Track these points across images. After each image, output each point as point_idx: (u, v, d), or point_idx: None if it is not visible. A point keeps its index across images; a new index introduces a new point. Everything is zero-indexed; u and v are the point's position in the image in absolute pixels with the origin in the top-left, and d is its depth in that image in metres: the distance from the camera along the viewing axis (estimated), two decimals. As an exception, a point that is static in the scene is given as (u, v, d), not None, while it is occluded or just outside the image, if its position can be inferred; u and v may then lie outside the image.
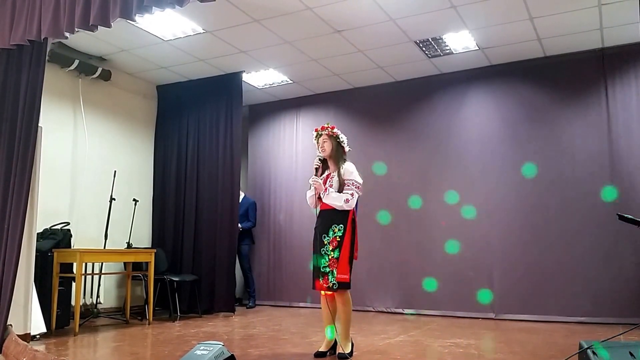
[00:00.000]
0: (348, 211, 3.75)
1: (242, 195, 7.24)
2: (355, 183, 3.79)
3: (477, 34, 5.54)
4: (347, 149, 3.95)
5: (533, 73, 6.15)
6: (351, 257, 3.73)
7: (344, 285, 3.67)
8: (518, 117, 6.17)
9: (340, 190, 3.76)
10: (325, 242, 3.72)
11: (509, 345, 4.29)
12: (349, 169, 3.84)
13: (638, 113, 5.60)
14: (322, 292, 3.80)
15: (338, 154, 3.87)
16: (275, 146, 7.75)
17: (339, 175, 3.79)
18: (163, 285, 6.22)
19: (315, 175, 3.87)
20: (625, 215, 3.45)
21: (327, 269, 3.67)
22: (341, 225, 3.72)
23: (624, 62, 5.73)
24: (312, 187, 3.86)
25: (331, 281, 3.64)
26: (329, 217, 3.76)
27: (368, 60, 6.26)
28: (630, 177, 5.52)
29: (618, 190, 5.53)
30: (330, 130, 3.88)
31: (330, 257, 3.68)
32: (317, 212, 3.88)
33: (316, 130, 3.96)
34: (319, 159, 3.92)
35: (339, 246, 3.68)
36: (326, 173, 3.91)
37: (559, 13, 5.04)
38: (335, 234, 3.71)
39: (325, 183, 3.83)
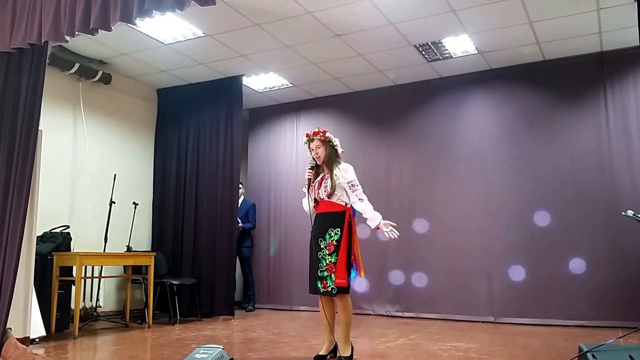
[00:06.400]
0: (344, 214, 3.73)
1: (241, 198, 7.25)
2: (357, 183, 3.77)
3: (476, 38, 5.55)
4: (340, 150, 3.91)
5: (532, 77, 6.17)
6: (349, 261, 3.69)
7: (342, 290, 3.65)
8: (517, 121, 6.18)
9: (332, 191, 3.71)
10: (322, 246, 3.69)
11: (509, 349, 4.29)
12: (347, 169, 3.79)
13: (637, 116, 5.62)
14: (320, 296, 3.78)
15: (332, 158, 3.83)
16: (276, 150, 7.76)
17: (332, 177, 3.75)
18: (163, 289, 6.22)
19: (308, 184, 3.83)
20: (629, 215, 3.49)
21: (325, 273, 3.64)
22: (338, 229, 3.69)
23: (623, 65, 5.74)
24: (306, 195, 3.85)
25: (329, 286, 3.62)
26: (325, 220, 3.74)
27: (368, 64, 6.27)
28: (630, 179, 5.53)
29: (619, 192, 5.54)
30: (322, 135, 3.81)
31: (327, 261, 3.65)
32: (313, 217, 3.86)
33: (307, 135, 3.87)
34: (311, 167, 3.86)
35: (335, 250, 3.65)
36: (320, 176, 3.85)
37: (558, 17, 5.05)
38: (332, 238, 3.68)
39: (320, 186, 3.80)
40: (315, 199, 3.83)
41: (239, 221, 6.98)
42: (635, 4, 4.11)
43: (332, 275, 3.61)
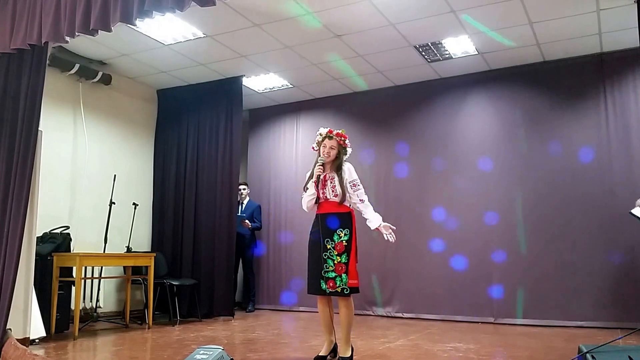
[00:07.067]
0: (350, 215, 3.75)
1: (247, 199, 7.25)
2: (359, 183, 3.80)
3: (476, 39, 5.55)
4: (345, 159, 3.93)
5: (532, 78, 6.17)
6: (356, 261, 3.72)
7: (355, 291, 3.66)
8: (517, 121, 6.19)
9: (344, 196, 3.73)
10: (329, 247, 3.68)
11: (509, 350, 4.29)
12: (349, 170, 3.82)
13: (637, 117, 5.62)
14: (320, 297, 3.77)
15: (340, 163, 3.84)
16: (275, 150, 7.76)
17: (341, 177, 3.76)
18: (163, 289, 6.21)
19: (316, 180, 3.80)
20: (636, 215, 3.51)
21: (333, 274, 3.63)
22: (347, 229, 3.70)
23: (623, 66, 5.74)
24: (310, 190, 3.84)
25: (340, 286, 3.61)
26: (332, 220, 3.74)
27: (368, 65, 6.27)
28: (629, 179, 5.53)
29: (618, 193, 5.54)
30: (342, 139, 3.84)
31: (336, 262, 3.64)
32: (314, 216, 3.85)
33: (330, 131, 3.85)
34: (322, 164, 3.81)
35: (346, 251, 3.65)
36: (322, 175, 3.84)
37: (558, 18, 5.06)
38: (342, 239, 3.68)
39: (325, 185, 3.79)
40: (317, 198, 3.81)
41: (244, 217, 6.99)
42: (635, 5, 4.12)
43: (344, 275, 3.61)
